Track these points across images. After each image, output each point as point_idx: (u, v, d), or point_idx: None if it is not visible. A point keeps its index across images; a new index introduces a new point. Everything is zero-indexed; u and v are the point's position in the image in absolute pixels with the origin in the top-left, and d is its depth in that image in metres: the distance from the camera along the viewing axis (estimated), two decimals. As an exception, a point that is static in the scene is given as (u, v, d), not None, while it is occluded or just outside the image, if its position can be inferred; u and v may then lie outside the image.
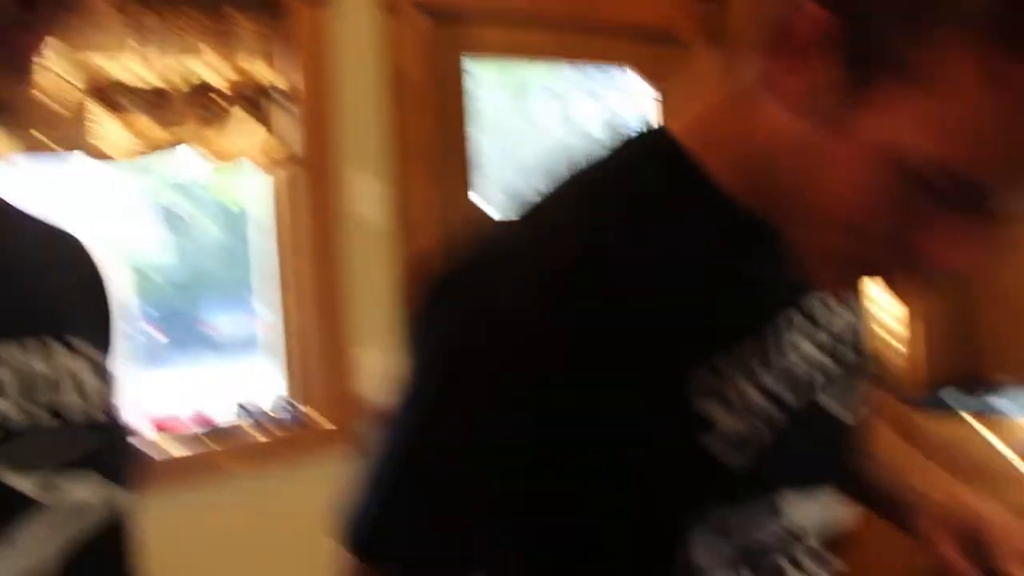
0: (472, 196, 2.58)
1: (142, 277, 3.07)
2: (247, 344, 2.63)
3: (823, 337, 0.76)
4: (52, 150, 2.01)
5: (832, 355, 0.76)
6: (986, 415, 2.49)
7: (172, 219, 3.12)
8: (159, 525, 2.08)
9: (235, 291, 2.55)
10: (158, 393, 2.52)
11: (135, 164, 2.31)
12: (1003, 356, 2.75)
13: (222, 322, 3.45)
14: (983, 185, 0.56)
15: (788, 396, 0.71)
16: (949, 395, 2.58)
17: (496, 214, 0.75)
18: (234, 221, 2.56)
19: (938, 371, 2.77)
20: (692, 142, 0.71)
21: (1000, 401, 2.47)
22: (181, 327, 3.50)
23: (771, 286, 0.72)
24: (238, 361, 2.68)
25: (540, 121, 3.18)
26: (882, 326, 2.71)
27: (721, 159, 0.69)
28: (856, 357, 0.79)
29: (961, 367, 2.84)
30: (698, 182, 0.69)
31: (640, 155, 0.73)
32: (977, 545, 0.79)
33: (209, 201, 2.89)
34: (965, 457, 2.53)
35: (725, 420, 0.67)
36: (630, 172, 0.71)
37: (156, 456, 2.16)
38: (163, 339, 3.35)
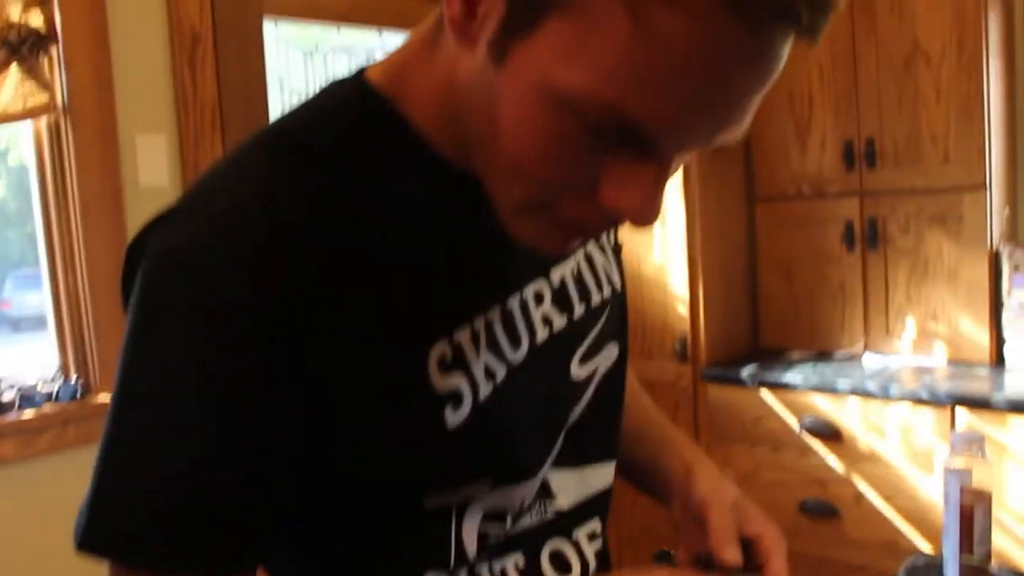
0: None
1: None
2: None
3: (569, 305, 0.78)
4: None
5: (571, 317, 0.78)
6: (775, 386, 2.60)
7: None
8: None
9: (33, 261, 2.33)
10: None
11: None
12: (789, 330, 2.89)
13: (19, 295, 3.17)
14: (641, 126, 0.54)
15: (518, 357, 0.72)
16: (742, 369, 2.68)
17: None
18: (23, 179, 2.34)
19: (733, 346, 2.89)
20: (389, 87, 0.67)
21: (788, 374, 2.58)
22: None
23: (509, 252, 0.69)
24: (36, 339, 2.46)
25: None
26: (677, 300, 2.79)
27: (416, 103, 0.66)
28: (600, 316, 0.81)
29: (754, 341, 2.97)
30: (399, 133, 0.66)
31: (333, 103, 0.68)
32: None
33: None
34: (754, 425, 2.65)
35: (467, 394, 0.66)
36: (338, 120, 0.67)
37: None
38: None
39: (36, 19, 2.08)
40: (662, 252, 2.81)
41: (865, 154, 2.64)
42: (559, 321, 0.76)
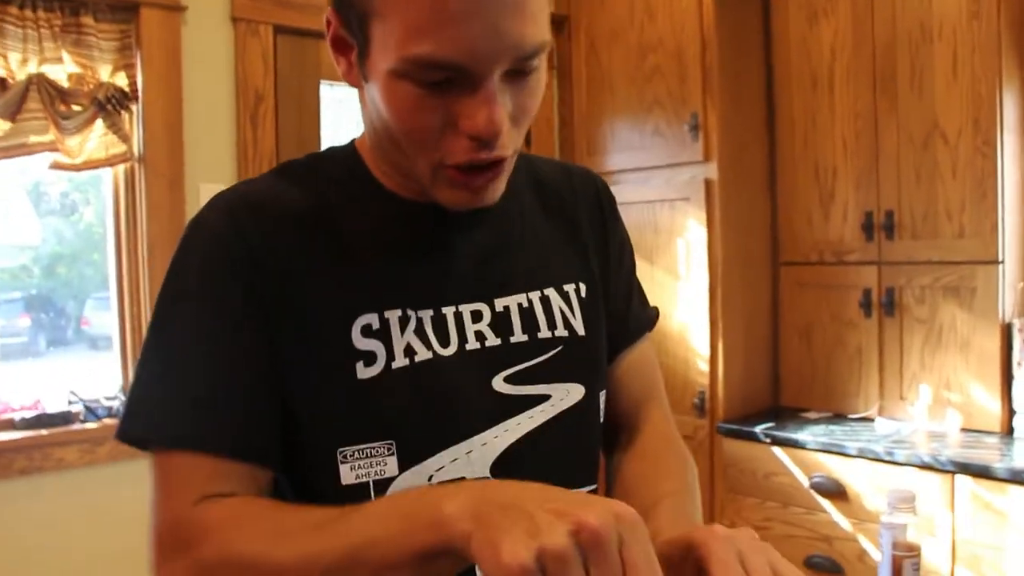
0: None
1: (12, 264, 3.06)
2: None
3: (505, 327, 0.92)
4: None
5: (506, 340, 0.92)
6: (786, 444, 2.70)
7: (46, 202, 3.11)
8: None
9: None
10: (20, 383, 2.55)
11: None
12: (808, 391, 2.98)
13: (98, 315, 3.43)
14: (447, 61, 0.74)
15: (445, 353, 0.88)
16: (757, 425, 2.78)
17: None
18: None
19: (752, 403, 2.99)
20: (360, 145, 0.94)
21: (800, 433, 2.68)
22: (54, 318, 3.49)
23: (449, 274, 0.90)
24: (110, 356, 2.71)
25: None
26: (698, 356, 2.92)
27: (367, 153, 0.92)
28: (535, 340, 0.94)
29: (774, 400, 3.07)
30: (360, 175, 0.92)
31: (330, 152, 0.96)
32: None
33: (84, 184, 2.90)
34: (766, 479, 2.74)
35: (381, 357, 0.85)
36: (333, 160, 0.94)
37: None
38: (35, 330, 3.35)
39: (121, 79, 2.37)
40: (686, 310, 2.95)
41: (884, 225, 2.74)
42: (492, 339, 0.90)
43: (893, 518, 1.50)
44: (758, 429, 2.76)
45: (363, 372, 0.84)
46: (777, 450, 2.73)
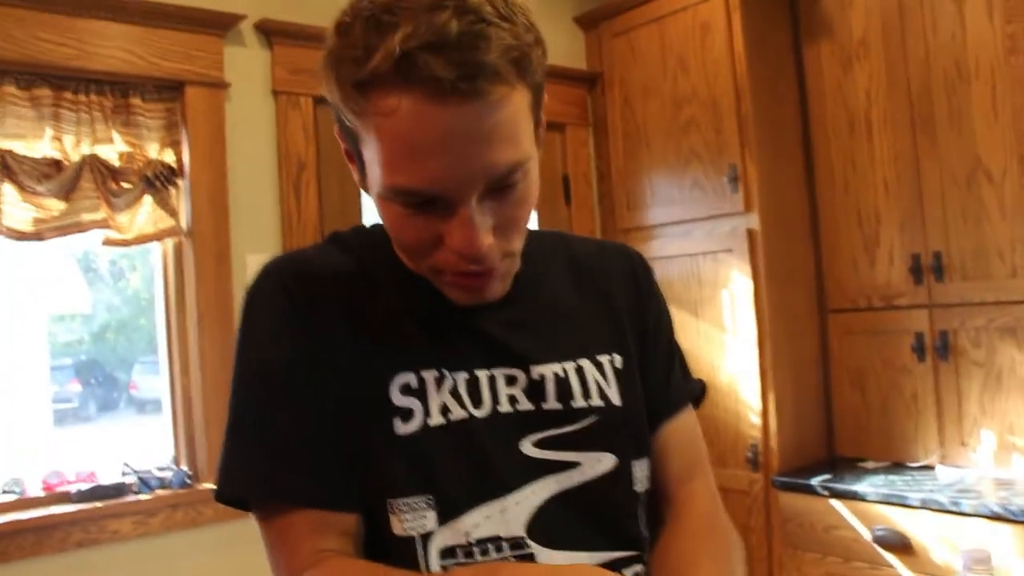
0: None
1: (64, 331, 3.13)
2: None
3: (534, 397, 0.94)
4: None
5: (537, 406, 0.94)
6: (845, 496, 2.63)
7: (94, 270, 3.19)
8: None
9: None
10: (72, 450, 2.60)
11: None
12: (864, 440, 2.91)
13: (146, 379, 3.49)
14: (421, 191, 0.79)
15: (479, 413, 0.91)
16: (813, 477, 2.72)
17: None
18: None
19: (806, 454, 2.93)
20: None
21: (858, 484, 2.61)
22: (104, 383, 3.56)
23: (482, 342, 0.94)
24: (158, 420, 2.75)
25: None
26: (749, 409, 2.87)
27: None
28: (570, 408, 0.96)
29: (829, 450, 3.00)
30: (392, 252, 0.96)
31: (373, 228, 1.01)
32: None
33: (131, 251, 2.97)
34: (826, 533, 2.67)
35: (418, 414, 0.89)
36: (375, 234, 0.98)
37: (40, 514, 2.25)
38: (85, 395, 3.41)
39: (168, 156, 2.45)
40: (734, 362, 2.92)
41: (933, 267, 2.70)
42: (525, 404, 0.93)
43: (968, 579, 1.44)
44: (815, 481, 2.70)
45: (401, 428, 0.88)
46: (836, 502, 2.65)
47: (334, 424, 0.88)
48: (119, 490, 2.38)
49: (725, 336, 2.96)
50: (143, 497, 2.38)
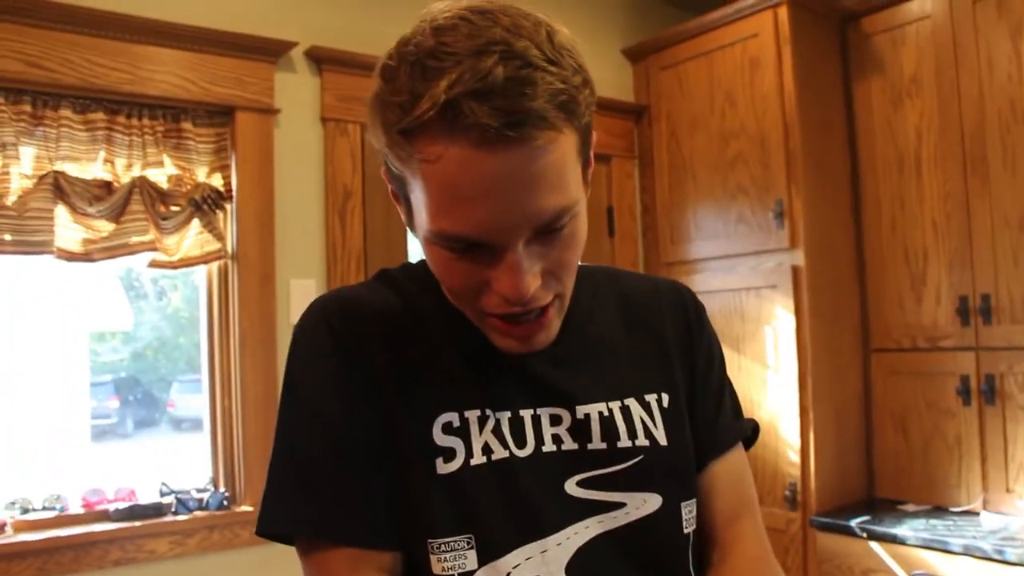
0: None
1: (106, 349, 3.17)
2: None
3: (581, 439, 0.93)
4: (21, 252, 2.20)
5: (583, 447, 0.93)
6: (884, 539, 2.59)
7: (136, 288, 3.22)
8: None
9: (198, 367, 2.66)
10: (110, 466, 2.62)
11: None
12: (905, 483, 2.86)
13: (183, 398, 3.52)
14: (466, 236, 0.79)
15: (522, 453, 0.90)
16: (852, 519, 2.68)
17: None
18: (196, 292, 2.70)
19: (845, 495, 2.89)
20: None
21: (898, 527, 2.57)
22: (142, 401, 3.60)
23: (526, 383, 0.93)
24: (195, 439, 2.78)
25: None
26: (788, 447, 2.84)
27: None
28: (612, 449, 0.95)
29: (869, 491, 2.96)
30: (438, 290, 0.96)
31: (422, 262, 1.00)
32: None
33: (177, 275, 3.02)
34: (860, 575, 2.63)
35: (461, 454, 0.88)
36: (422, 272, 0.98)
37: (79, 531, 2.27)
38: (123, 412, 3.46)
39: (217, 180, 2.47)
40: (775, 399, 2.89)
41: (980, 309, 2.65)
42: (569, 443, 0.92)
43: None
44: (854, 523, 2.66)
45: (443, 468, 0.88)
46: (875, 545, 2.61)
47: (376, 463, 0.88)
48: (157, 510, 2.40)
49: (767, 373, 2.93)
50: (181, 518, 2.40)
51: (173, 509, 2.42)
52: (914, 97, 2.83)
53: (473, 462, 0.88)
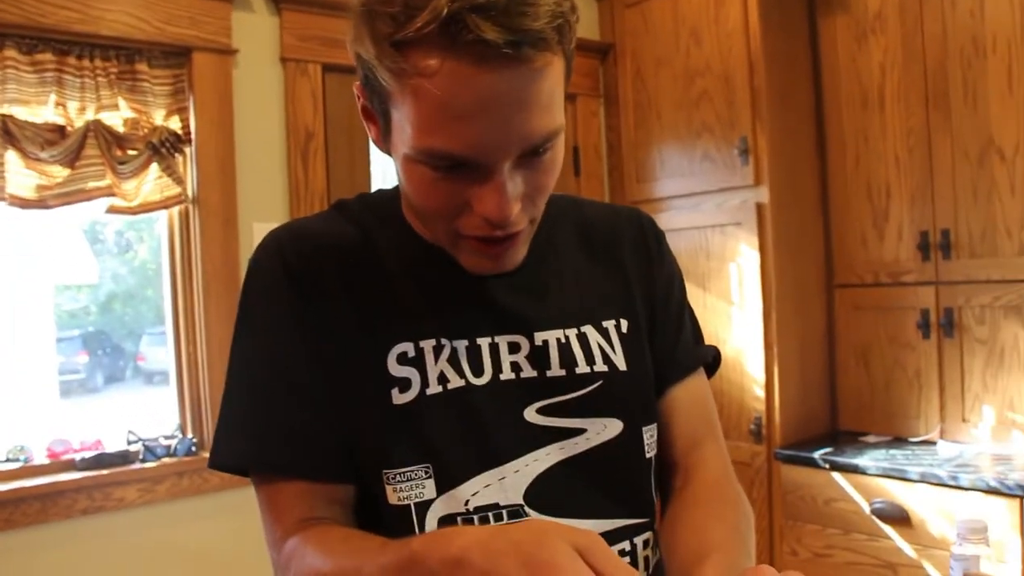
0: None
1: (69, 300, 3.12)
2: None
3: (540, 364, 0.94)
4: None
5: (542, 374, 0.93)
6: (846, 469, 2.65)
7: (101, 241, 3.17)
8: (48, 551, 2.20)
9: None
10: (79, 421, 2.59)
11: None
12: (867, 415, 2.93)
13: (153, 351, 3.49)
14: (456, 154, 0.77)
15: (479, 382, 0.90)
16: (815, 451, 2.74)
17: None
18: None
19: (809, 428, 2.95)
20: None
21: (859, 458, 2.63)
22: (111, 355, 3.56)
23: (485, 309, 0.93)
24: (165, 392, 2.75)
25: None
26: (753, 382, 2.89)
27: (404, 200, 0.97)
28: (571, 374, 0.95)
29: (832, 424, 3.02)
30: (399, 219, 0.97)
31: (379, 194, 1.01)
32: None
33: (139, 222, 2.96)
34: (826, 506, 2.70)
35: (416, 384, 0.88)
36: (379, 202, 0.99)
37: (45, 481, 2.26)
38: (92, 366, 3.41)
39: (175, 123, 2.42)
40: (740, 335, 2.92)
41: (941, 244, 2.69)
42: (528, 371, 0.92)
43: (964, 549, 1.46)
44: (816, 454, 2.72)
45: (398, 398, 0.88)
46: (837, 475, 2.68)
47: (329, 395, 0.88)
48: (124, 458, 2.39)
49: (732, 309, 2.96)
50: (149, 465, 2.39)
51: (141, 457, 2.41)
52: (878, 34, 2.82)
53: (429, 392, 0.88)
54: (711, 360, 1.10)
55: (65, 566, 2.25)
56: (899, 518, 2.54)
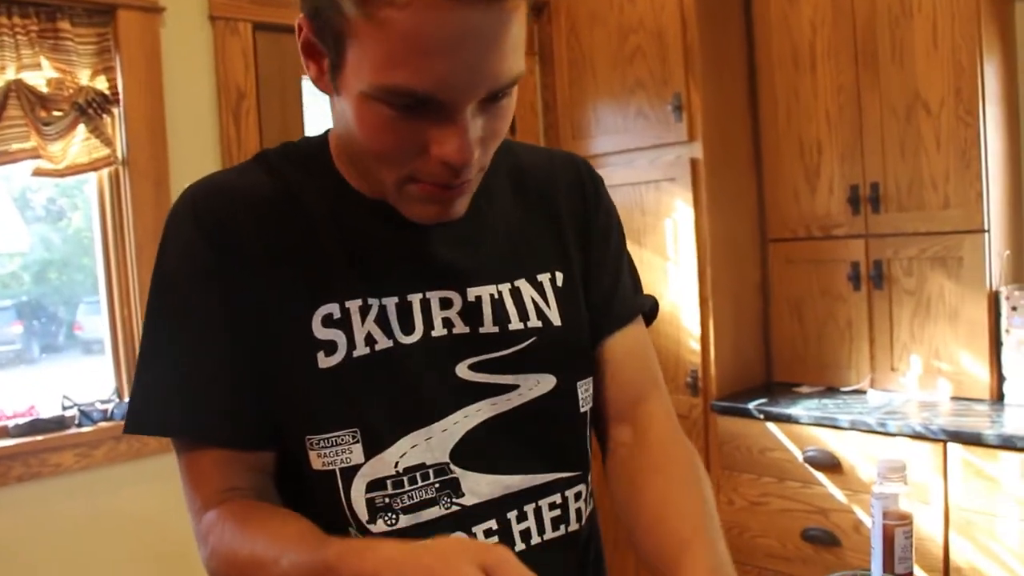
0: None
1: (2, 272, 3.05)
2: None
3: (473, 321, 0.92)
4: None
5: (474, 330, 0.92)
6: (780, 419, 2.72)
7: (32, 209, 3.10)
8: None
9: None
10: (16, 392, 2.55)
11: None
12: (800, 366, 3.00)
13: (90, 319, 3.44)
14: (420, 93, 0.74)
15: (409, 340, 0.89)
16: (749, 402, 2.81)
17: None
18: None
19: (744, 380, 3.01)
20: (332, 138, 0.94)
21: (792, 408, 2.70)
22: (47, 324, 3.50)
23: (416, 265, 0.90)
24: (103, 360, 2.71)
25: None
26: (689, 336, 2.94)
27: (335, 151, 0.93)
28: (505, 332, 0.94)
29: (767, 376, 3.09)
30: (327, 170, 0.92)
31: (305, 143, 0.96)
32: None
33: (71, 189, 2.90)
34: (761, 455, 2.77)
35: (342, 347, 0.86)
36: (305, 151, 0.94)
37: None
38: (28, 337, 3.35)
39: (101, 83, 2.37)
40: (676, 290, 2.97)
41: (870, 198, 2.75)
42: (460, 327, 0.91)
43: (884, 488, 1.52)
44: (751, 405, 2.78)
45: (324, 361, 0.86)
46: (771, 426, 2.75)
47: (249, 360, 0.86)
48: (60, 423, 2.36)
49: (667, 264, 3.01)
50: (85, 429, 2.37)
51: (77, 422, 2.38)
52: (809, -10, 2.86)
53: (356, 354, 0.86)
54: (648, 310, 1.09)
55: (1, 533, 2.23)
56: (830, 465, 2.62)
